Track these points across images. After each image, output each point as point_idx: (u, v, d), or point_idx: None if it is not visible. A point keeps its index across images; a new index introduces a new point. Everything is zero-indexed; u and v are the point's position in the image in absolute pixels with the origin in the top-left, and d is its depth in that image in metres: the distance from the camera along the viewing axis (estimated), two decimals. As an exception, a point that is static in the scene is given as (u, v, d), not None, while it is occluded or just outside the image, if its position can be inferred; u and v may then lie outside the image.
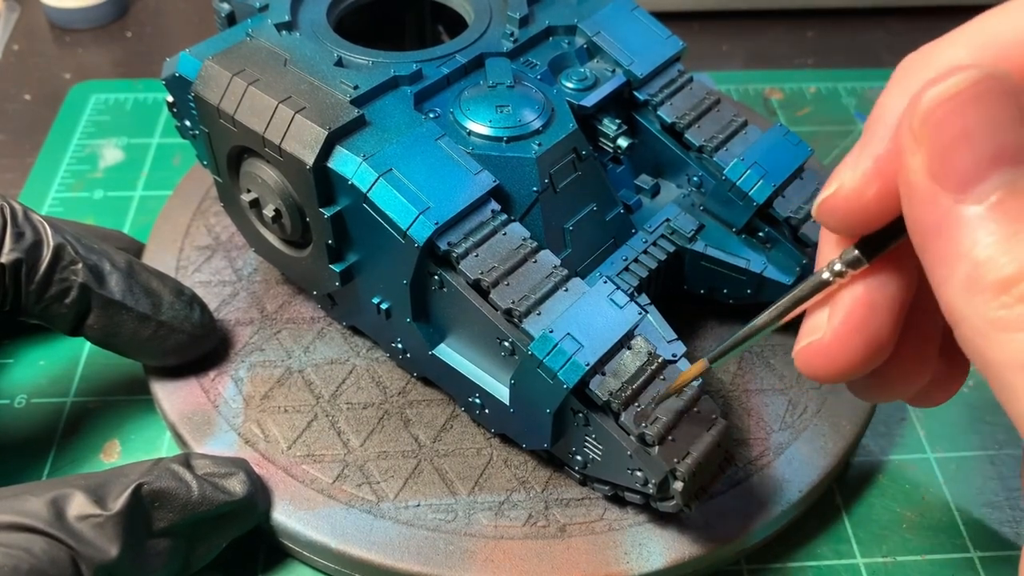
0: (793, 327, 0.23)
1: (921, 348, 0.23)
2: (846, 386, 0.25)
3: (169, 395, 0.37)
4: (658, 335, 0.34)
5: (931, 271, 0.18)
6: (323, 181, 0.32)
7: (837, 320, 0.21)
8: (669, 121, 0.39)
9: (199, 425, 0.36)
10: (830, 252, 0.22)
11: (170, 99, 0.38)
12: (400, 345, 0.36)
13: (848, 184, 0.20)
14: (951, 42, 0.19)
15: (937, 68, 0.19)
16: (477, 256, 0.31)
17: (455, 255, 0.31)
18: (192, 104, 0.35)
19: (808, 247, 0.37)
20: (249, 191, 0.36)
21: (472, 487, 0.35)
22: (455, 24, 0.41)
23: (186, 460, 0.31)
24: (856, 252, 0.21)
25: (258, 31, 0.36)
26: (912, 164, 0.18)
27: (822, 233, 0.23)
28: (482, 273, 0.31)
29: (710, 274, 0.38)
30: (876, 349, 0.21)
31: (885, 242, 0.20)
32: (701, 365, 0.26)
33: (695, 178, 0.39)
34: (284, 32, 0.36)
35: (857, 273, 0.21)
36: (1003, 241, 0.16)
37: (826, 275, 0.21)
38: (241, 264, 0.43)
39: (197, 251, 0.43)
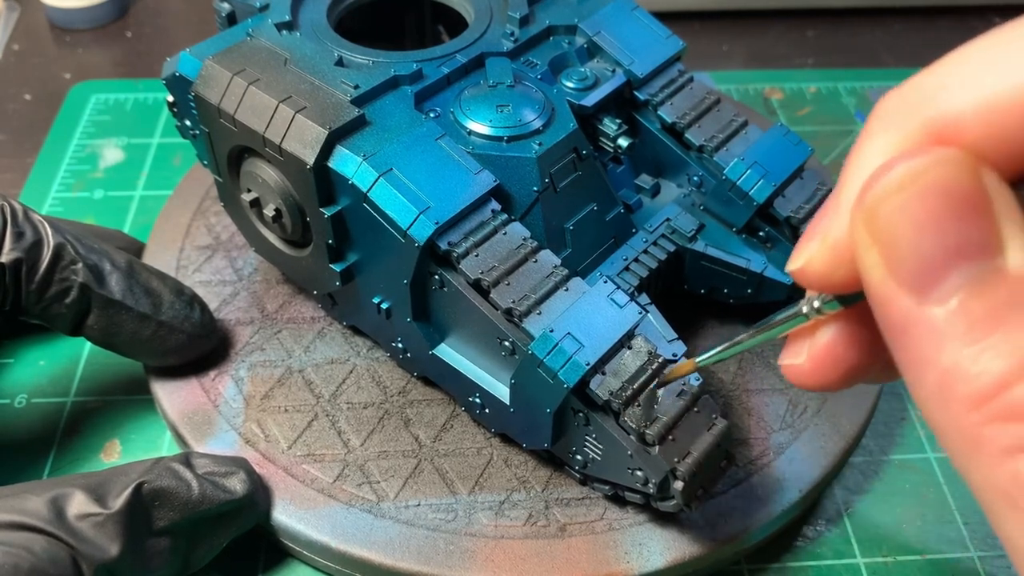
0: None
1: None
2: None
3: (169, 395, 0.37)
4: (659, 335, 0.34)
5: (902, 370, 0.16)
6: (323, 181, 0.32)
7: (815, 351, 0.21)
8: (669, 121, 0.39)
9: (199, 425, 0.36)
10: None
11: (170, 99, 0.38)
12: (400, 345, 0.36)
13: (816, 263, 0.18)
14: (946, 87, 0.16)
15: (923, 118, 0.16)
16: (477, 256, 0.31)
17: (455, 255, 0.31)
18: (192, 104, 0.35)
19: (808, 247, 0.37)
20: (249, 191, 0.36)
21: (472, 487, 0.35)
22: (455, 24, 0.41)
23: (186, 459, 0.31)
24: (833, 296, 0.20)
25: (258, 31, 0.36)
26: (868, 261, 0.16)
27: None
28: (482, 273, 0.31)
29: (710, 274, 0.38)
30: (855, 374, 0.21)
31: (862, 296, 0.19)
32: (691, 365, 0.26)
33: (695, 178, 0.39)
34: (284, 32, 0.36)
35: (834, 313, 0.20)
36: (969, 347, 0.15)
37: (805, 309, 0.21)
38: (241, 264, 0.43)
39: (197, 251, 0.43)
